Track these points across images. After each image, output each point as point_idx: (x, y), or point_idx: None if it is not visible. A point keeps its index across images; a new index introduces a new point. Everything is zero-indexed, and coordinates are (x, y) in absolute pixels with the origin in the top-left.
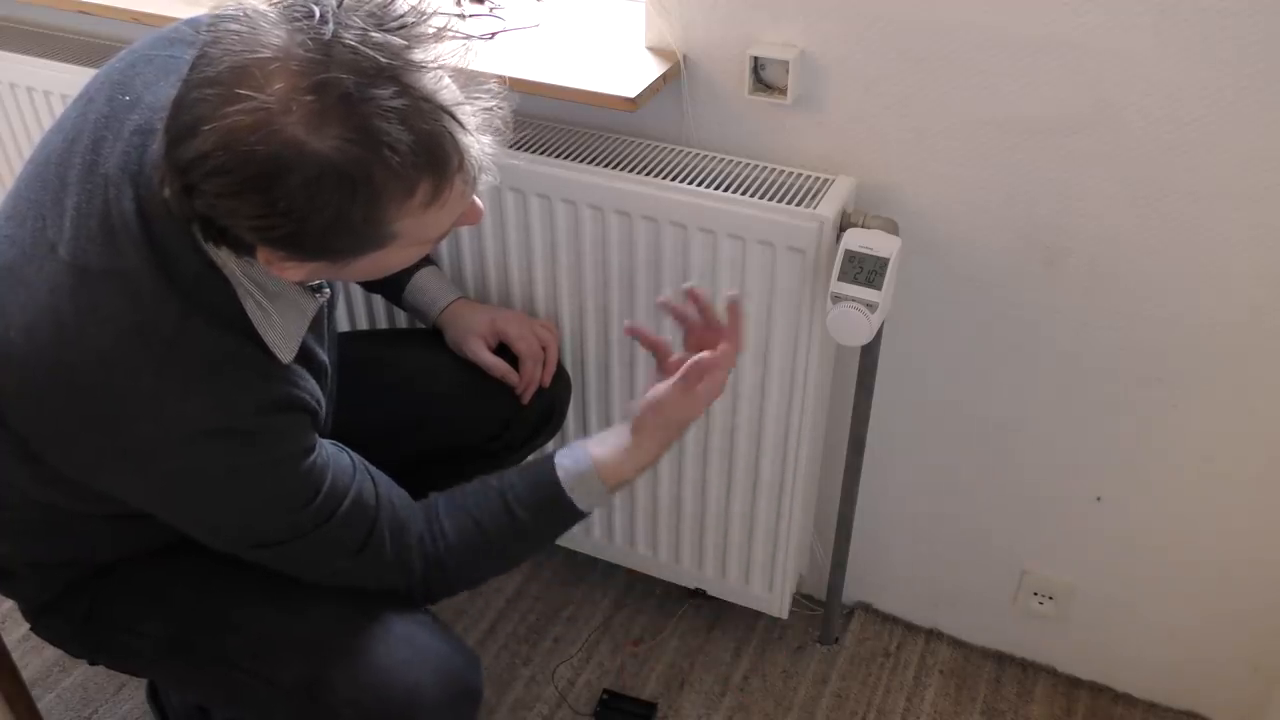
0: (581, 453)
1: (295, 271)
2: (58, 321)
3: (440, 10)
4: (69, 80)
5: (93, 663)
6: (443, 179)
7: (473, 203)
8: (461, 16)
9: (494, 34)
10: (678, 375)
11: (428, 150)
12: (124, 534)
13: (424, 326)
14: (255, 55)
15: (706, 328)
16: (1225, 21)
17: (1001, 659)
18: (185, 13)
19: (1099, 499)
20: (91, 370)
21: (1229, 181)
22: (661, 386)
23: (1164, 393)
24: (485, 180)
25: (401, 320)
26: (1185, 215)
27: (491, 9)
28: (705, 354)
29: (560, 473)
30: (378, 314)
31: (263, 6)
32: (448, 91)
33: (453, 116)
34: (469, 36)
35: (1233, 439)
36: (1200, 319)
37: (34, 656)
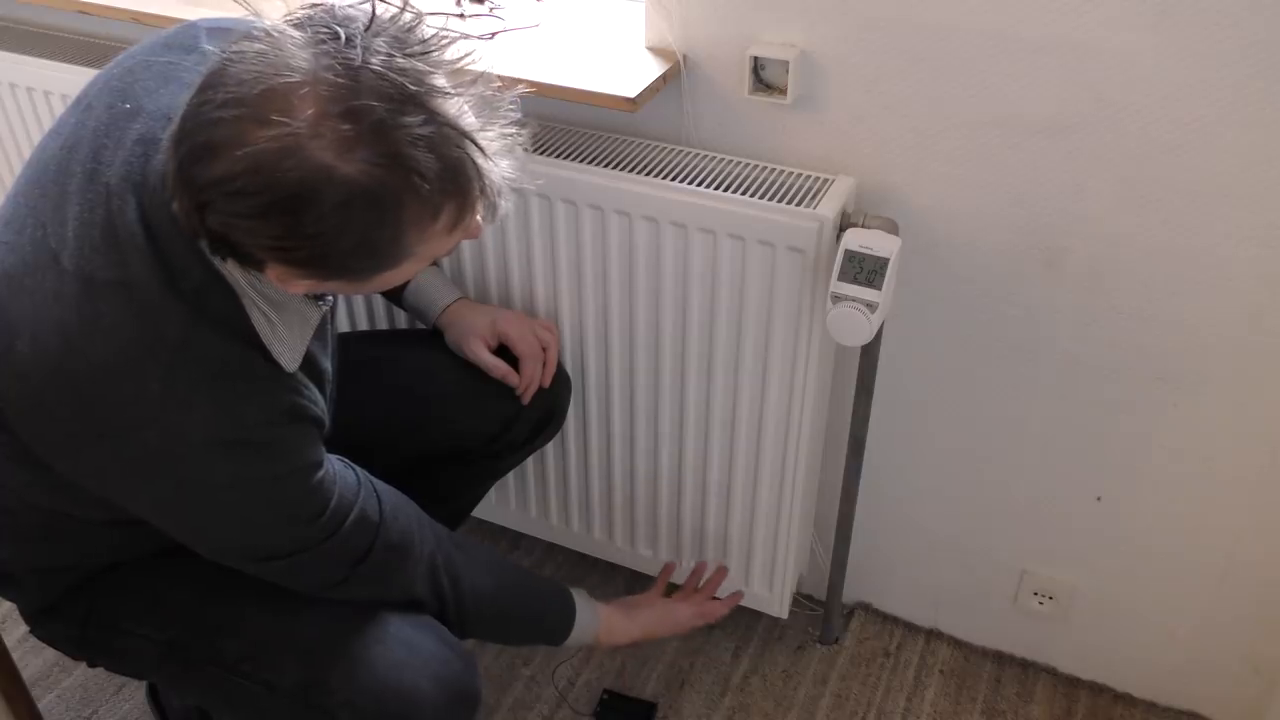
0: (590, 599)
1: (303, 286)
2: (63, 332)
3: (441, 11)
4: (69, 80)
5: (92, 664)
6: (466, 204)
7: (475, 222)
8: (461, 16)
9: (494, 34)
10: (694, 611)
11: (453, 176)
12: (127, 539)
13: (423, 327)
14: (283, 79)
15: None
16: (1225, 21)
17: (1001, 659)
18: (185, 13)
19: (1099, 499)
20: (98, 380)
21: (1229, 181)
22: (682, 616)
23: (1164, 392)
24: (504, 206)
25: (401, 320)
26: (1185, 215)
27: (491, 9)
28: (720, 606)
29: (571, 589)
30: (378, 314)
31: (285, 26)
32: (469, 117)
33: (474, 143)
34: (469, 36)
35: (1233, 439)
36: (1200, 319)
37: (34, 656)
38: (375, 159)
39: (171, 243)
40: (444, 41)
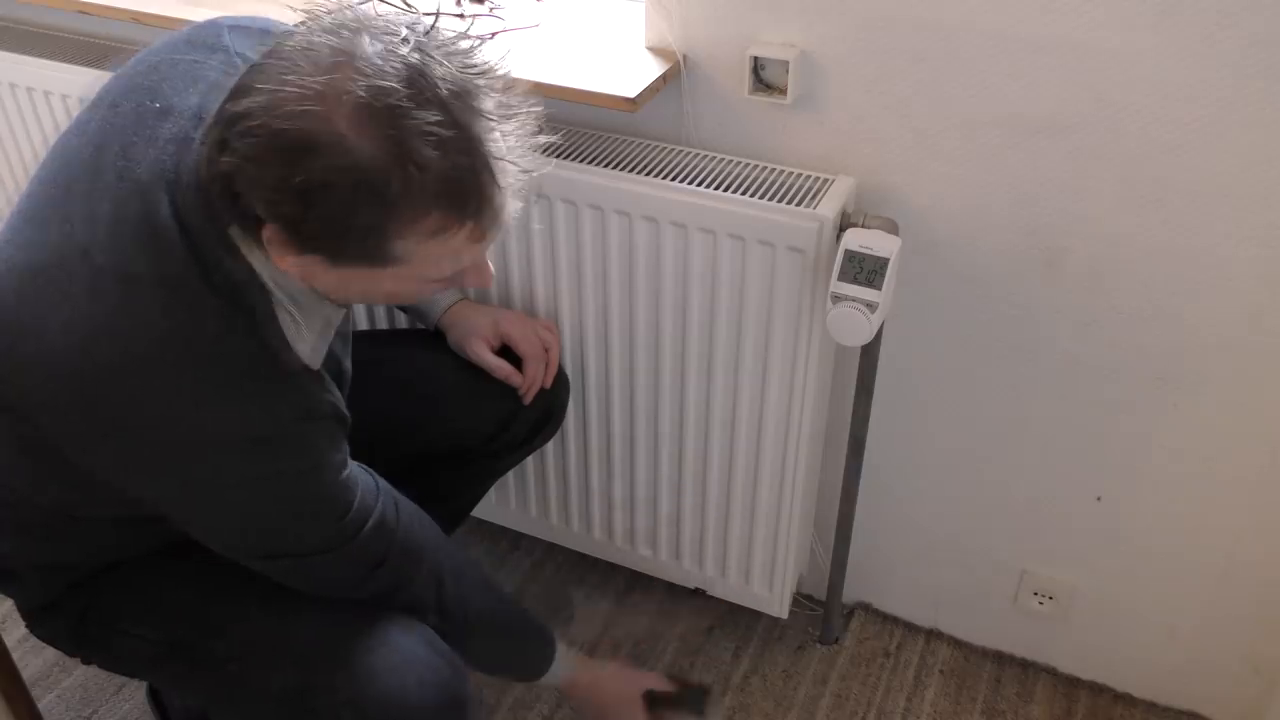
0: (565, 644)
1: (293, 264)
2: (95, 326)
3: (442, 11)
4: (69, 80)
5: (87, 662)
6: (456, 216)
7: (484, 266)
8: (461, 16)
9: (494, 34)
10: None
11: (452, 183)
12: (130, 538)
13: (423, 327)
14: (328, 43)
15: None
16: (1225, 21)
17: (1001, 659)
18: (185, 13)
19: (1099, 499)
20: (132, 374)
21: (1229, 181)
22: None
23: (1164, 392)
24: (495, 238)
25: (401, 321)
26: (1185, 215)
27: (491, 9)
28: None
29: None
30: (378, 315)
31: (361, 10)
32: (495, 144)
33: (489, 166)
34: (468, 36)
35: (1233, 439)
36: (1200, 319)
37: (34, 656)
38: (378, 137)
39: (205, 240)
40: (498, 75)
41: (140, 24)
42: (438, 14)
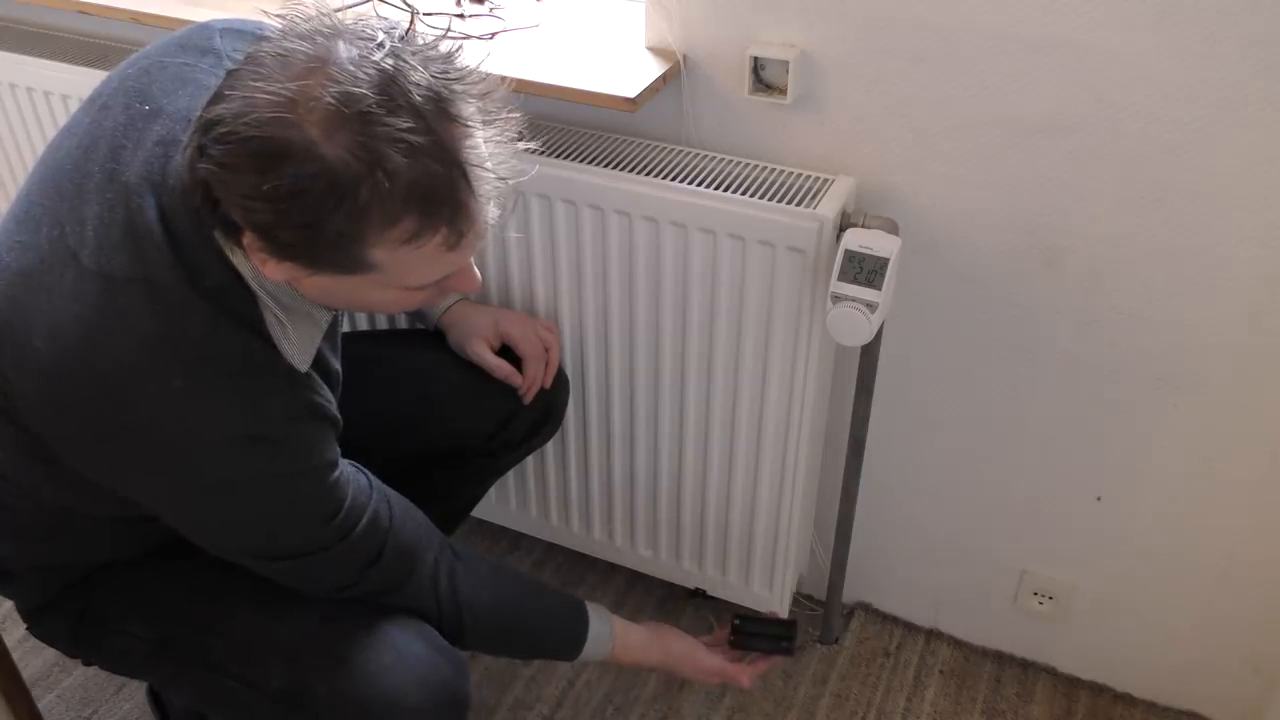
0: (607, 616)
1: (274, 270)
2: (84, 329)
3: (443, 12)
4: (69, 80)
5: (87, 663)
6: (429, 222)
7: (470, 271)
8: (461, 16)
9: (494, 34)
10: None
11: (424, 190)
12: (127, 537)
13: (423, 327)
14: (303, 49)
15: None
16: (1225, 21)
17: (1001, 659)
18: (185, 13)
19: (1099, 499)
20: (120, 376)
21: (1229, 181)
22: (707, 664)
23: (1164, 393)
24: (473, 245)
25: (401, 321)
26: (1185, 215)
27: (491, 9)
28: (751, 671)
29: (588, 604)
30: (378, 315)
31: (338, 16)
32: (472, 151)
33: (464, 173)
34: (468, 36)
35: (1233, 439)
36: (1200, 319)
37: (34, 656)
38: (348, 144)
39: (191, 242)
40: (478, 80)
41: (140, 24)
42: (413, 18)
